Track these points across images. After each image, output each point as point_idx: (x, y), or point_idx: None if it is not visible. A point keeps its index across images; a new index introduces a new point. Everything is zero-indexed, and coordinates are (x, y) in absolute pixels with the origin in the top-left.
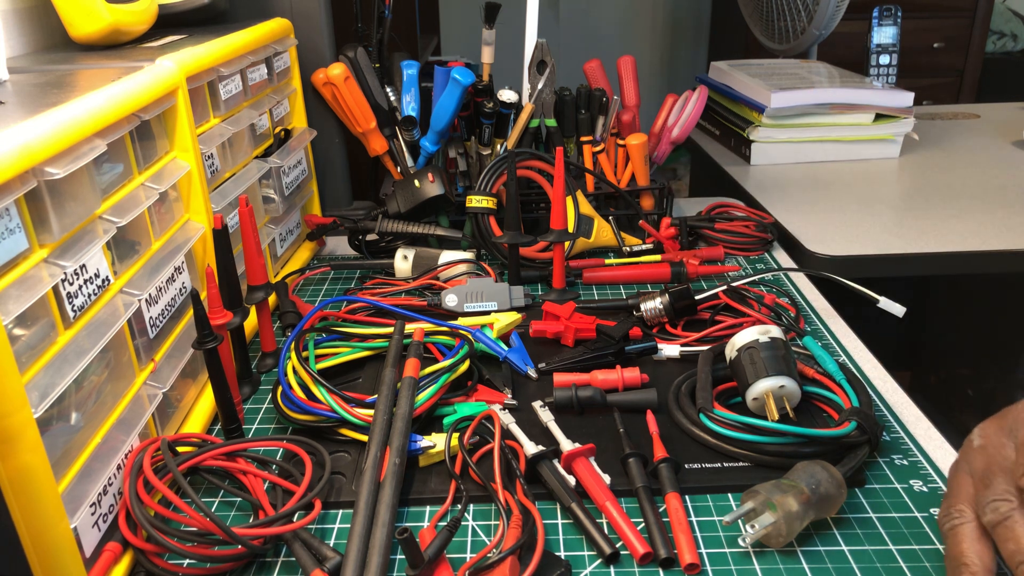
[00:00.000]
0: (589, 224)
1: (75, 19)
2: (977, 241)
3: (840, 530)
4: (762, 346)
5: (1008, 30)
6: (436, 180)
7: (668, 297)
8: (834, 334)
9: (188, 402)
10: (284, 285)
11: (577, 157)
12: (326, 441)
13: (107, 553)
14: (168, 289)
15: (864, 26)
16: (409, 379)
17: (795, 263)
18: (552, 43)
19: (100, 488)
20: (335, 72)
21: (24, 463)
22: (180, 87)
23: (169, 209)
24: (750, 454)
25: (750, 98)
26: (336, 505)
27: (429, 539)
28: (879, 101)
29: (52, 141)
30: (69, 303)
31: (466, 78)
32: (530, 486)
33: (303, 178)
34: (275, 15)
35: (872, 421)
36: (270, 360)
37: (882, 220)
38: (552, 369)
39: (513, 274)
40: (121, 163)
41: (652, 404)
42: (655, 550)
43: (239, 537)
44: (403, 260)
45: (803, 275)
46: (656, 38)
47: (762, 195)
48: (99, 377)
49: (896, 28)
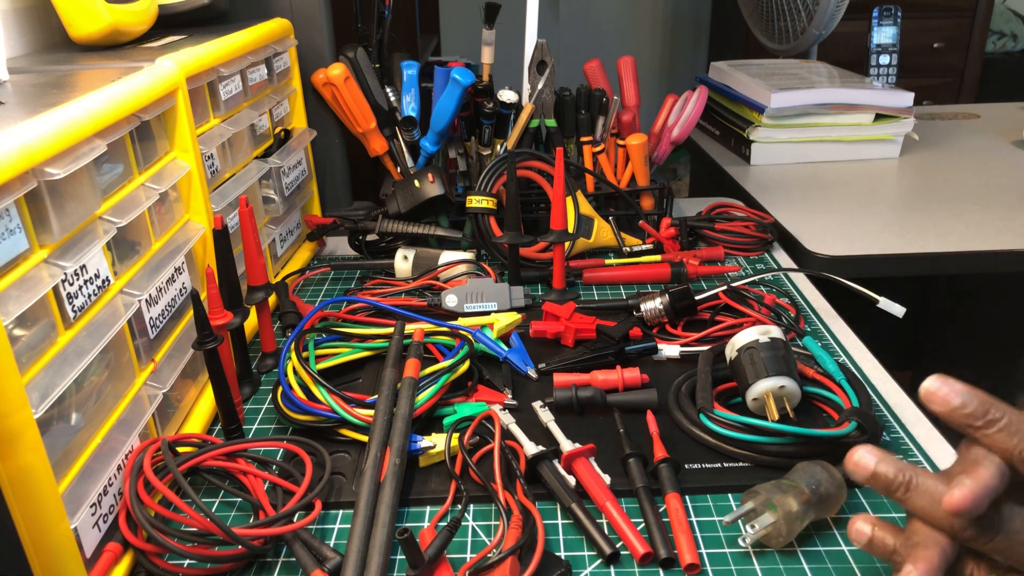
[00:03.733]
0: (589, 224)
1: (75, 19)
2: (977, 241)
3: (840, 530)
4: (762, 346)
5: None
6: (436, 180)
7: (668, 297)
8: (834, 334)
9: (188, 402)
10: (284, 285)
11: (577, 157)
12: (326, 441)
13: (107, 553)
14: (168, 289)
15: (864, 26)
16: (409, 379)
17: (795, 263)
18: (552, 43)
19: (100, 488)
20: (335, 72)
21: (24, 463)
22: (180, 87)
23: (169, 209)
24: (750, 454)
25: (750, 98)
26: (336, 505)
27: (429, 539)
28: (879, 101)
29: (52, 141)
30: (69, 303)
31: (466, 78)
32: (530, 486)
33: (303, 178)
34: (275, 15)
35: (872, 421)
36: (270, 360)
37: (882, 220)
38: (552, 369)
39: (513, 274)
40: (121, 163)
41: (652, 404)
42: (655, 550)
43: (239, 537)
44: (403, 260)
45: (803, 275)
46: (656, 38)
47: (762, 195)
48: (99, 377)
49: (896, 28)
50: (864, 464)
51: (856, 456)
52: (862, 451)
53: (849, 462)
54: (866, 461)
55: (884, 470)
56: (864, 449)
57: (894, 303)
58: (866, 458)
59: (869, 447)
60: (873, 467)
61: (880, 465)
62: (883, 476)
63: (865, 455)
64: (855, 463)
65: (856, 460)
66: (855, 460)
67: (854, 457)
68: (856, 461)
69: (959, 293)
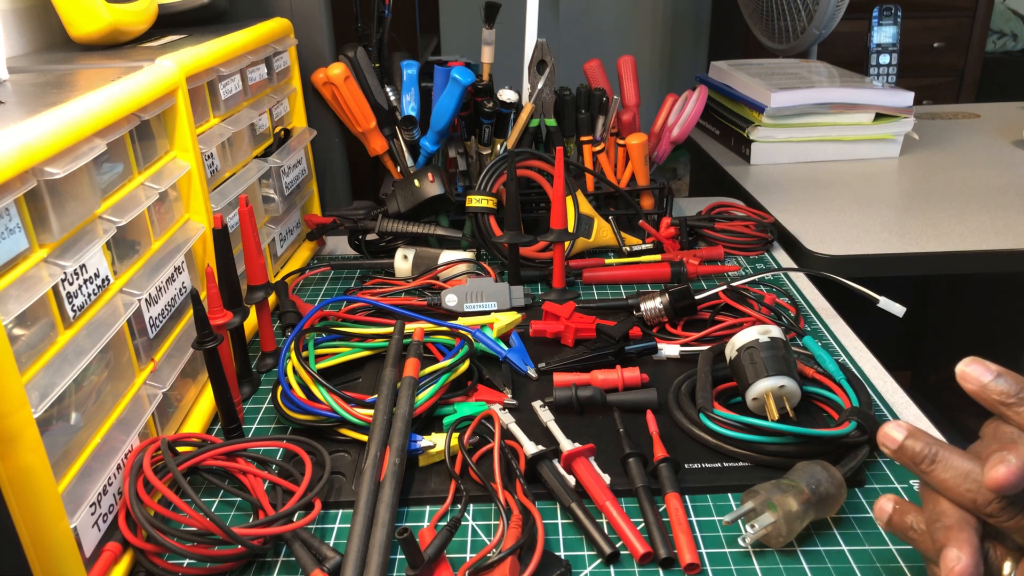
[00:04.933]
0: (589, 224)
1: (75, 19)
2: (977, 241)
3: (840, 530)
4: (762, 346)
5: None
6: (436, 180)
7: (668, 297)
8: (834, 334)
9: (188, 402)
10: (284, 285)
11: (577, 157)
12: (326, 441)
13: (107, 553)
14: (168, 289)
15: (864, 26)
16: (409, 379)
17: (795, 263)
18: (552, 43)
19: (100, 488)
20: (335, 72)
21: (24, 463)
22: (180, 87)
23: (169, 209)
24: (750, 454)
25: (750, 98)
26: (336, 505)
27: (429, 539)
28: (879, 101)
29: (52, 141)
30: (69, 303)
31: (466, 78)
32: (530, 486)
33: (303, 178)
34: (275, 15)
35: (872, 421)
36: (270, 360)
37: (882, 220)
38: (552, 369)
39: (513, 274)
40: (121, 163)
41: (652, 404)
42: (655, 550)
43: (239, 537)
44: (403, 260)
45: (803, 275)
46: (656, 38)
47: (762, 195)
48: (99, 377)
49: (896, 28)
50: (893, 437)
51: (886, 428)
52: (892, 425)
53: (879, 434)
54: (895, 434)
55: (911, 444)
56: (894, 423)
57: (894, 303)
58: (895, 431)
59: (900, 423)
60: (901, 440)
61: (908, 439)
62: (910, 449)
63: (895, 428)
64: (884, 435)
65: (886, 432)
66: (885, 432)
67: (884, 429)
68: (886, 433)
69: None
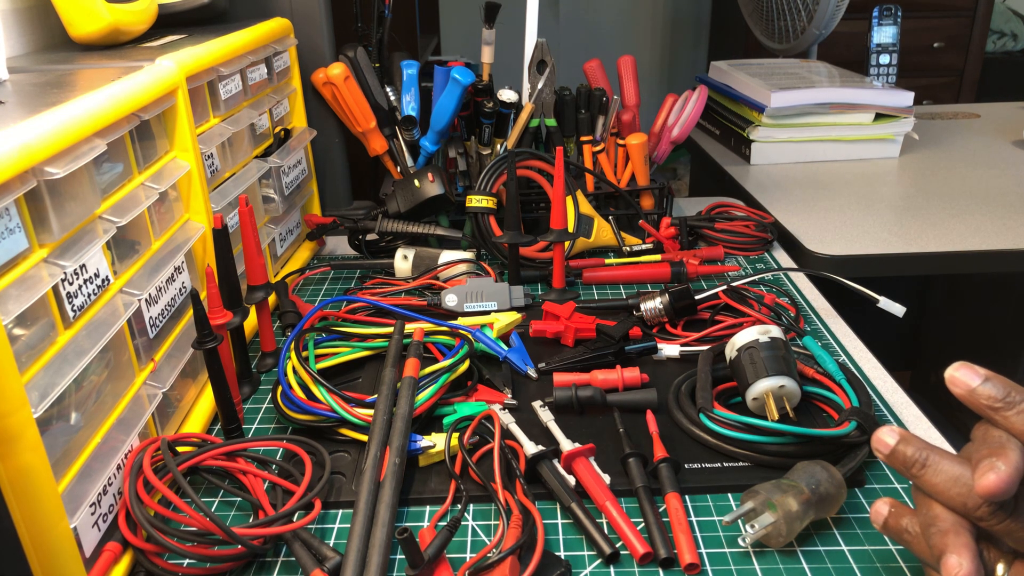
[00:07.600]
0: (589, 224)
1: (75, 19)
2: (977, 241)
3: (840, 530)
4: (762, 346)
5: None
6: (436, 180)
7: (668, 297)
8: (834, 334)
9: (188, 402)
10: (284, 285)
11: (577, 157)
12: (326, 441)
13: (107, 553)
14: (168, 289)
15: (864, 26)
16: (409, 379)
17: (795, 263)
18: (552, 43)
19: (100, 488)
20: (335, 72)
21: (24, 463)
22: (180, 87)
23: (169, 209)
24: (750, 454)
25: (750, 98)
26: (336, 505)
27: (429, 539)
28: (879, 101)
29: (52, 141)
30: (69, 303)
31: (466, 78)
32: (530, 486)
33: (303, 178)
34: (275, 15)
35: (872, 421)
36: (270, 360)
37: (882, 220)
38: (552, 369)
39: (513, 274)
40: (121, 163)
41: (652, 404)
42: (655, 550)
43: (239, 537)
44: (403, 260)
45: (803, 275)
46: (656, 38)
47: (762, 195)
48: (99, 377)
49: (896, 28)
50: (885, 441)
51: (879, 433)
52: (886, 430)
53: (873, 439)
54: (887, 439)
55: (903, 448)
56: (888, 428)
57: (894, 303)
58: (888, 436)
59: (894, 427)
60: (893, 444)
61: (900, 444)
62: (901, 453)
63: (887, 433)
64: (877, 439)
65: (879, 436)
66: (878, 436)
67: (877, 434)
68: (879, 438)
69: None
